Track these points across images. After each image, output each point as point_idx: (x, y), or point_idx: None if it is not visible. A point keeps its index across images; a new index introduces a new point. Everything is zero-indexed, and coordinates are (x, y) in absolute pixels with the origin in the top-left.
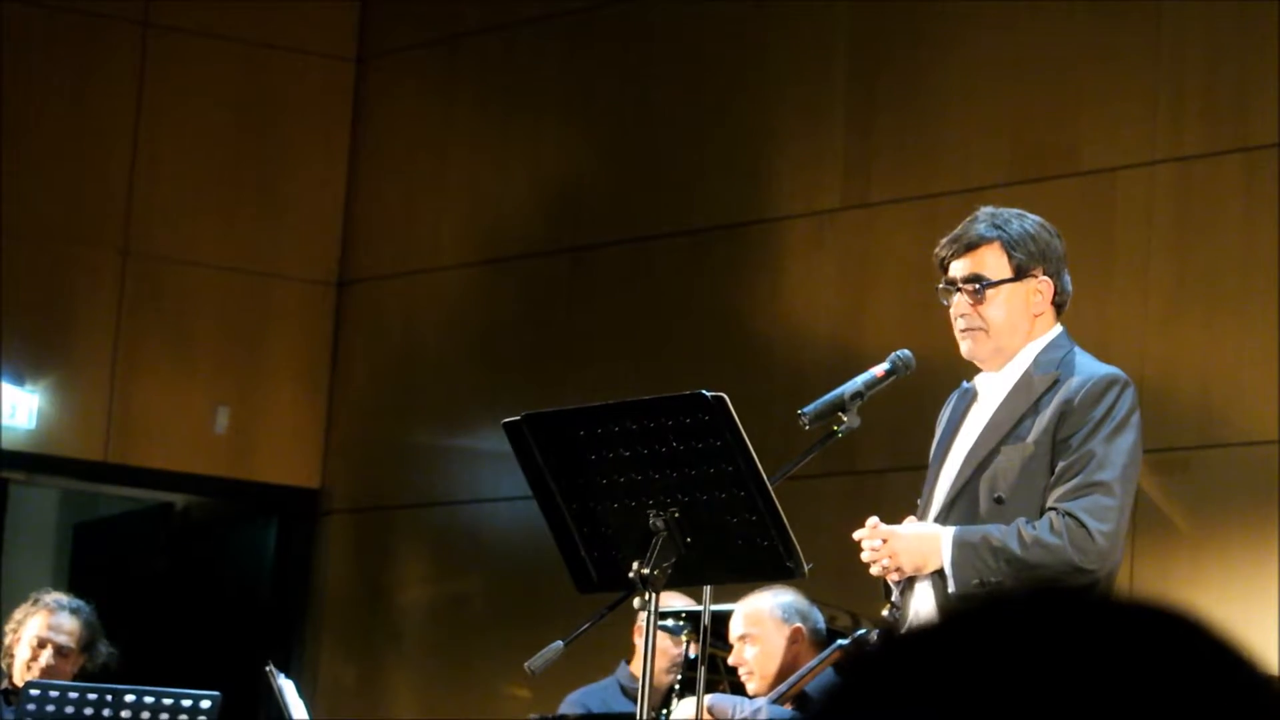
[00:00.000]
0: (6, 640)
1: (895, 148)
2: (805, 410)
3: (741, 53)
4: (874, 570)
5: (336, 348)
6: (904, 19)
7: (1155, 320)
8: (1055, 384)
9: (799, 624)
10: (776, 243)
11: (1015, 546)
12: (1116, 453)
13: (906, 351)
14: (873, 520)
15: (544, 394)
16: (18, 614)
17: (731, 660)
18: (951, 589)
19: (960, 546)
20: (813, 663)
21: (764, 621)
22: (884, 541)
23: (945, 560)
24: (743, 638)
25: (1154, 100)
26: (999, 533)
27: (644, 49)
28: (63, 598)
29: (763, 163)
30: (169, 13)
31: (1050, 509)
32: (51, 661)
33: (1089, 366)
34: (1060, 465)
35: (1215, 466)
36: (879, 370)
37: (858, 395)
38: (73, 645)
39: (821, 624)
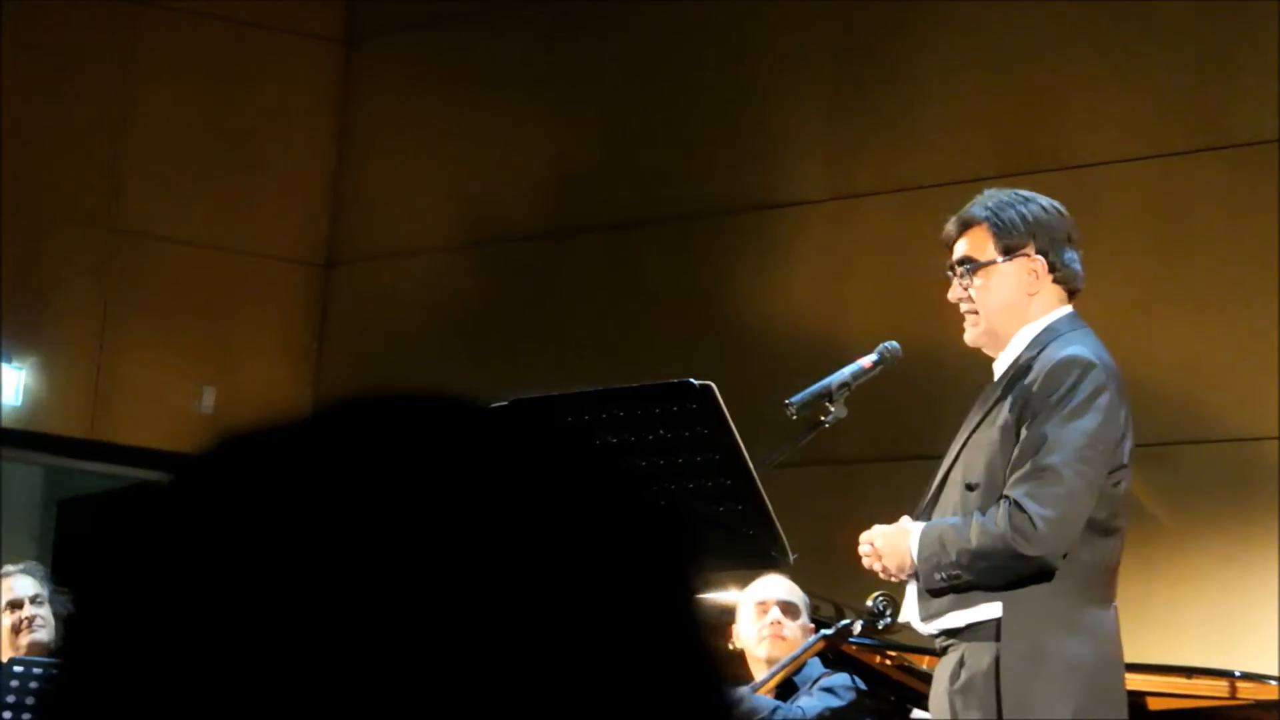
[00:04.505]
0: None
1: (879, 139)
2: (792, 400)
3: (728, 42)
4: (881, 575)
5: (323, 329)
6: (889, 11)
7: (1138, 316)
8: (1027, 369)
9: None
10: (761, 232)
11: (966, 537)
12: (1072, 434)
13: (894, 343)
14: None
15: (529, 379)
16: None
17: (768, 618)
18: (920, 584)
19: (924, 542)
20: (796, 652)
21: (800, 604)
22: (872, 545)
23: (913, 556)
24: (786, 606)
25: (1137, 96)
26: (959, 524)
27: (631, 35)
28: (9, 566)
29: (747, 152)
30: None
31: (1002, 496)
32: (36, 611)
33: (1060, 350)
34: (1015, 451)
35: (1197, 461)
36: (866, 361)
37: (845, 386)
38: (43, 594)
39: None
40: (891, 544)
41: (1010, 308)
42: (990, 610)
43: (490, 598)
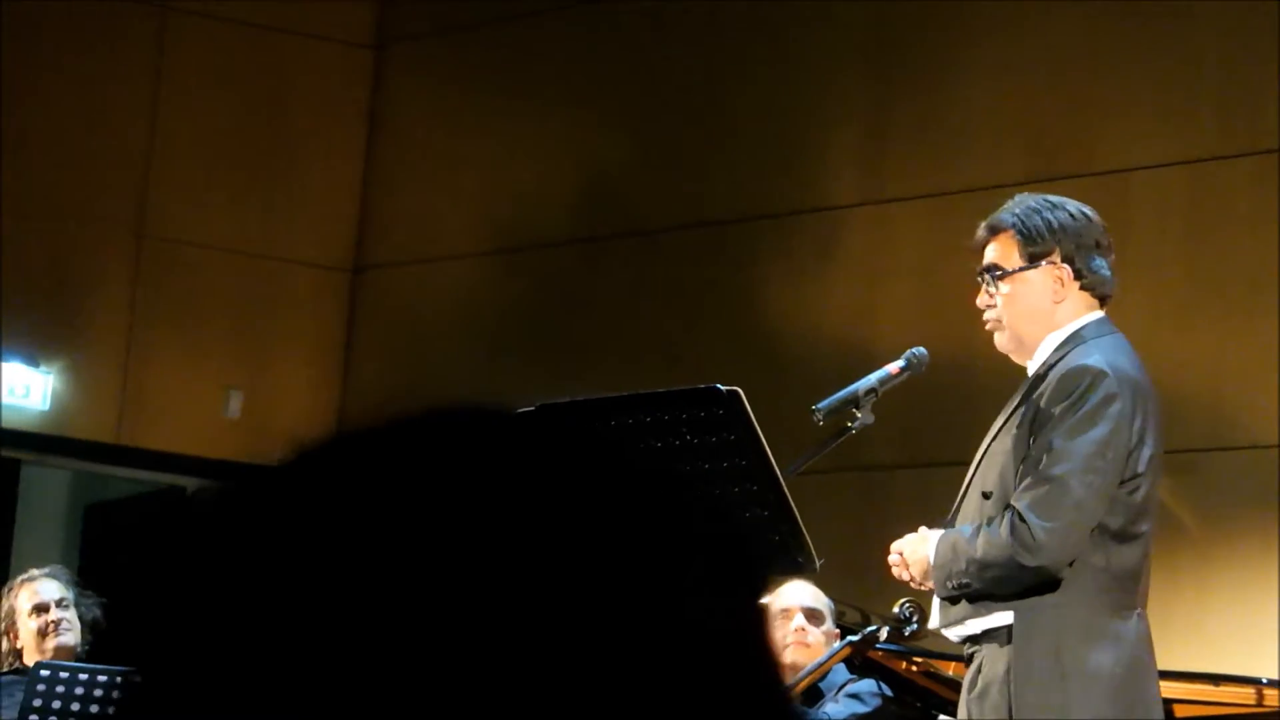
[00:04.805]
0: (2, 626)
1: (910, 145)
2: (819, 406)
3: (759, 48)
4: (910, 584)
5: (350, 334)
6: (921, 17)
7: (1167, 322)
8: (1045, 377)
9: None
10: (792, 237)
11: (974, 546)
12: (1080, 444)
13: (922, 349)
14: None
15: (556, 384)
16: (5, 603)
17: (792, 625)
18: (938, 592)
19: (939, 550)
20: (822, 658)
21: (825, 610)
22: (900, 555)
23: (930, 564)
24: (810, 613)
25: (1168, 102)
26: (969, 534)
27: (661, 41)
28: (34, 570)
29: (779, 157)
30: None
31: (1008, 506)
32: (62, 615)
33: (1078, 358)
34: (1024, 460)
35: (1224, 468)
36: (894, 367)
37: (872, 392)
38: (69, 598)
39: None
40: (914, 552)
41: (1035, 315)
42: (1003, 618)
43: (565, 606)
